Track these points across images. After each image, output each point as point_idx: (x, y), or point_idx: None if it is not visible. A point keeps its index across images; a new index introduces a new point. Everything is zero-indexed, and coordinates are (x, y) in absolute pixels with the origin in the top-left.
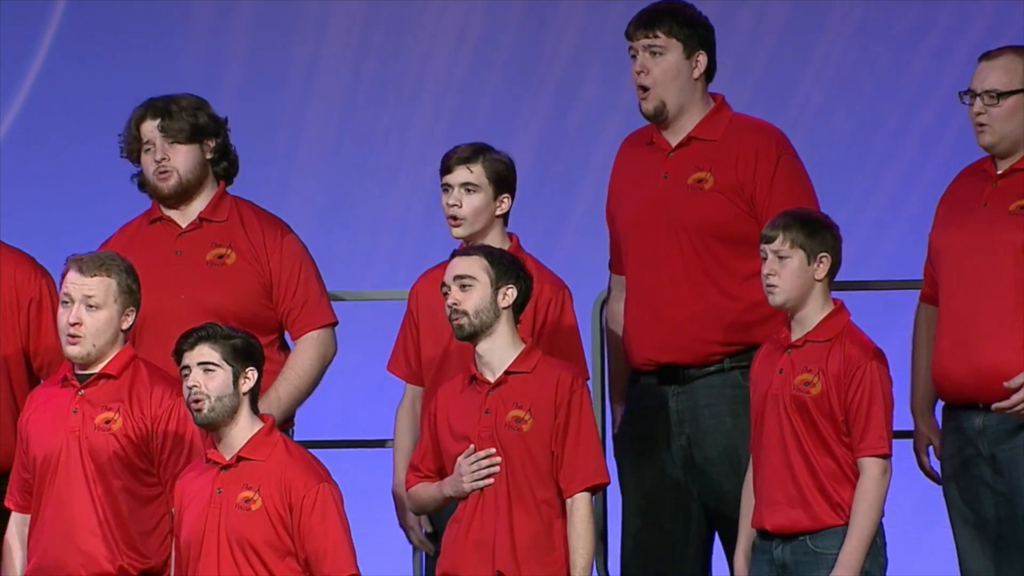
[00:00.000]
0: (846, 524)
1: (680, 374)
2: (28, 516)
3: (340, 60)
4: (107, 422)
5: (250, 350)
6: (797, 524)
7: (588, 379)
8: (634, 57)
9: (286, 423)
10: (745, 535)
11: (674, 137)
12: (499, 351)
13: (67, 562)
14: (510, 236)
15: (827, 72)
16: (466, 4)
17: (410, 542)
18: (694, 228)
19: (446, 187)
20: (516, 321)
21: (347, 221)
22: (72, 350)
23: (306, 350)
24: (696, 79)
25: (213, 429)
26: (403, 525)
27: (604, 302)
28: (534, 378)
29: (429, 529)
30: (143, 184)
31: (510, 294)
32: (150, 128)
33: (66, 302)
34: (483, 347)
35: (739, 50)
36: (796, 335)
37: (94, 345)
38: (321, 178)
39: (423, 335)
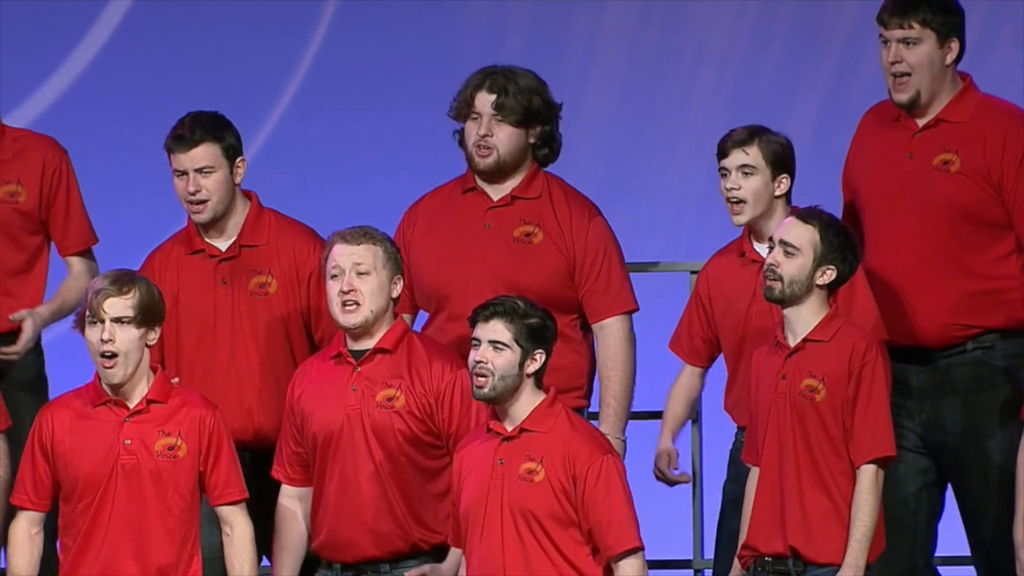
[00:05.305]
0: None
1: (922, 355)
2: (300, 489)
3: (621, 31)
4: (389, 399)
5: (543, 332)
6: None
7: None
8: (885, 42)
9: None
10: None
11: (922, 117)
12: (803, 318)
13: (358, 541)
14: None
15: None
16: None
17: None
18: (939, 210)
19: (723, 171)
20: (830, 294)
21: (626, 192)
22: (349, 318)
23: (619, 344)
24: (948, 65)
25: (492, 404)
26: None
27: None
28: (831, 347)
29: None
30: (463, 143)
31: (828, 274)
32: (483, 101)
33: (335, 275)
34: (789, 312)
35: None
36: None
37: (372, 311)
38: (601, 149)
39: (718, 320)
